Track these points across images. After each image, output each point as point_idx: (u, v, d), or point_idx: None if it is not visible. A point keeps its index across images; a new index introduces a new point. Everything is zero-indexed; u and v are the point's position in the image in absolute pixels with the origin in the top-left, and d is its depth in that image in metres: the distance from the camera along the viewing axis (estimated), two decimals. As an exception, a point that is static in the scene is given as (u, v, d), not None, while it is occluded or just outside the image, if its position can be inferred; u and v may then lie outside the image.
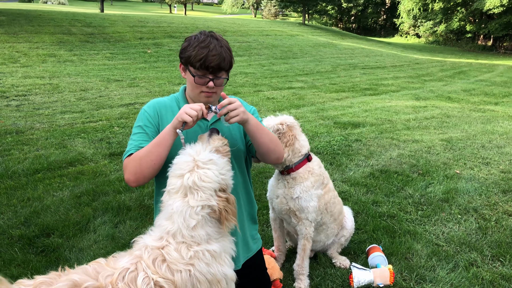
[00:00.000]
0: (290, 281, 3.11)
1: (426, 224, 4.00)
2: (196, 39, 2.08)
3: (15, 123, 7.26)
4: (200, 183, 1.81)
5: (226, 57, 2.09)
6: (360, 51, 25.79)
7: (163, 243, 1.75)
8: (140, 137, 2.17)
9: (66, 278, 1.58)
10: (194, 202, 1.80)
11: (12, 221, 3.86)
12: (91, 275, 1.63)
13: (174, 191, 1.84)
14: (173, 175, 1.87)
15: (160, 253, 1.73)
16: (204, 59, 2.03)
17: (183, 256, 1.73)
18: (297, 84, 13.65)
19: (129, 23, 22.66)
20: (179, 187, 1.83)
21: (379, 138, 6.99)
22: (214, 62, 2.05)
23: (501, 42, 40.60)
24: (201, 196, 1.80)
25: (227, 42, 2.17)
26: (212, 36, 2.10)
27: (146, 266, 1.67)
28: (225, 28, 25.99)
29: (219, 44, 2.08)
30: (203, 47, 2.04)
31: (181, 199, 1.81)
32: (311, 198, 2.89)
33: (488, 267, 3.30)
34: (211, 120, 2.25)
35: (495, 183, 5.02)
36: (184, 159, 1.87)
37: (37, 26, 18.52)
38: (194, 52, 2.04)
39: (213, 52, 2.03)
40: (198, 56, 2.03)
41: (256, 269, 2.62)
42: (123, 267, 1.67)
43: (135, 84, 11.92)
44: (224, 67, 2.10)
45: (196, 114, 1.92)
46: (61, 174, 5.06)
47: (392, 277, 3.01)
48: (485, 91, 13.72)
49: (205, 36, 2.09)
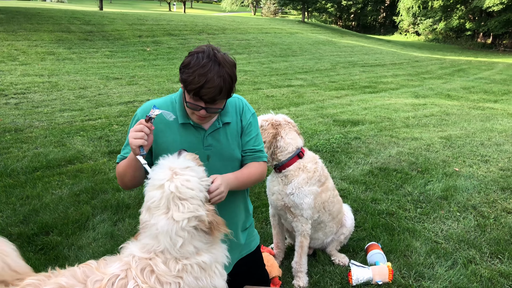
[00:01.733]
0: (289, 279, 3.12)
1: (425, 221, 4.01)
2: (197, 61, 1.90)
3: (14, 121, 7.26)
4: (184, 190, 1.69)
5: (224, 88, 1.92)
6: (359, 49, 25.77)
7: (150, 255, 1.68)
8: (127, 145, 2.17)
9: (53, 281, 1.55)
10: (180, 215, 1.67)
11: (11, 219, 3.86)
12: (79, 279, 1.59)
13: (154, 205, 1.70)
14: (151, 188, 1.73)
15: (148, 263, 1.66)
16: (198, 90, 1.89)
17: (171, 269, 1.66)
18: (296, 82, 13.65)
19: (128, 21, 22.62)
20: (159, 199, 1.69)
21: (378, 136, 6.99)
22: (209, 95, 1.91)
23: (501, 40, 40.57)
24: (188, 207, 1.68)
25: (233, 63, 2.00)
26: (215, 60, 1.90)
27: (135, 275, 1.61)
28: (224, 25, 25.95)
29: (220, 71, 1.90)
30: (201, 74, 1.87)
31: (164, 215, 1.67)
32: (305, 194, 2.89)
33: (487, 265, 3.30)
34: (209, 130, 2.16)
35: (494, 181, 5.02)
36: (160, 170, 1.76)
37: (36, 24, 18.48)
38: (191, 78, 1.89)
39: (209, 83, 1.87)
40: (194, 85, 1.88)
41: (255, 266, 2.62)
42: (113, 273, 1.62)
43: (134, 82, 11.91)
44: (219, 99, 1.96)
45: (143, 133, 1.87)
46: (60, 172, 5.06)
47: (391, 274, 3.02)
48: (484, 89, 13.73)
49: (207, 59, 1.89)
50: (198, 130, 2.15)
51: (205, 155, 2.15)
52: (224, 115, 2.21)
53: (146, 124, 1.89)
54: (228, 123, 2.22)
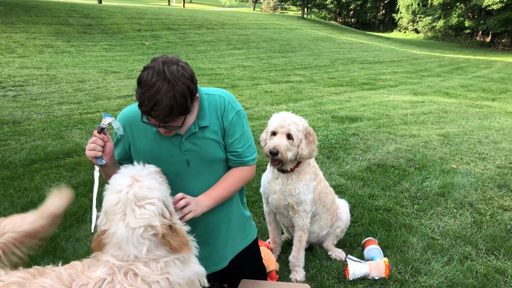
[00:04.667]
0: (286, 273, 3.13)
1: (422, 218, 4.03)
2: (146, 80, 1.77)
3: (12, 114, 7.24)
4: (142, 195, 1.66)
5: (176, 107, 1.80)
6: (358, 45, 25.75)
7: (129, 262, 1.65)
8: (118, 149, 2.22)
9: (38, 282, 1.52)
10: (135, 221, 1.63)
11: (8, 211, 3.86)
12: (65, 282, 1.55)
13: (111, 209, 1.67)
14: (109, 192, 1.70)
15: (129, 267, 1.62)
16: (149, 111, 1.80)
17: (153, 269, 1.64)
18: (295, 78, 13.64)
19: (127, 15, 22.52)
20: (116, 203, 1.66)
21: (377, 133, 7.00)
22: (159, 118, 1.82)
23: (500, 38, 40.58)
24: (142, 213, 1.64)
25: (187, 76, 1.84)
26: (164, 78, 1.76)
27: (121, 279, 1.58)
28: (224, 20, 25.87)
29: (169, 91, 1.76)
30: (149, 97, 1.76)
31: (122, 222, 1.64)
32: (310, 191, 2.91)
33: (483, 261, 3.32)
34: (185, 136, 2.09)
35: (491, 178, 5.04)
36: (121, 176, 1.74)
37: (34, 16, 18.37)
38: (141, 99, 1.79)
39: (158, 106, 1.76)
40: (144, 107, 1.80)
41: (252, 260, 2.63)
42: (99, 277, 1.58)
43: (132, 76, 11.87)
44: (171, 120, 1.86)
45: (95, 145, 1.90)
46: (58, 165, 5.05)
47: (387, 269, 3.03)
48: (482, 87, 13.75)
49: (157, 77, 1.76)
50: (174, 136, 2.08)
51: (184, 160, 2.12)
52: (201, 118, 2.11)
53: (98, 136, 1.90)
54: (205, 126, 2.12)
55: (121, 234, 1.63)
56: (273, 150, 2.62)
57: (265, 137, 2.85)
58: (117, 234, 1.63)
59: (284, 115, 2.77)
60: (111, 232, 1.66)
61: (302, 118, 2.83)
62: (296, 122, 2.73)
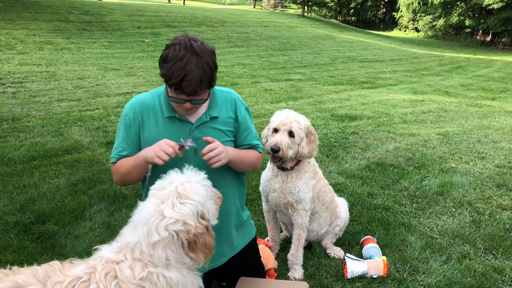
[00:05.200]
0: (285, 271, 3.14)
1: (421, 216, 4.03)
2: (174, 54, 1.87)
3: (11, 110, 7.23)
4: (188, 194, 1.70)
5: (204, 78, 1.90)
6: (358, 44, 25.72)
7: (119, 258, 1.64)
8: (121, 143, 2.18)
9: (10, 279, 1.50)
10: (170, 212, 1.65)
11: (7, 207, 3.86)
12: (39, 279, 1.54)
13: (154, 193, 1.73)
14: (162, 181, 1.78)
15: (113, 268, 1.61)
16: (179, 83, 1.87)
17: (135, 275, 1.61)
18: (295, 76, 13.63)
19: (127, 12, 22.47)
20: (162, 189, 1.71)
21: (376, 131, 7.00)
22: (190, 88, 1.89)
23: (500, 37, 40.58)
24: (181, 209, 1.66)
25: (211, 51, 1.96)
26: (192, 51, 1.87)
27: (99, 279, 1.57)
28: (224, 18, 25.83)
29: (198, 62, 1.87)
30: (179, 68, 1.85)
31: (154, 205, 1.68)
32: (309, 189, 2.91)
33: (481, 260, 3.33)
34: (196, 124, 2.15)
35: (490, 178, 5.05)
36: (176, 174, 1.81)
37: (34, 13, 18.33)
38: (170, 72, 1.87)
39: (189, 76, 1.85)
40: (173, 79, 1.87)
41: (251, 258, 2.64)
42: (75, 275, 1.57)
43: (132, 73, 11.86)
44: (200, 90, 1.94)
45: (168, 158, 1.93)
46: (57, 162, 5.05)
47: (385, 268, 3.04)
48: (482, 86, 13.75)
49: (185, 51, 1.87)
50: (184, 124, 2.13)
51: (192, 148, 2.13)
52: (212, 108, 2.18)
53: (177, 151, 1.95)
54: (216, 117, 2.19)
55: (146, 214, 1.67)
56: (275, 147, 2.63)
57: (267, 133, 2.85)
58: (143, 212, 1.68)
59: (287, 113, 2.79)
60: (140, 208, 1.72)
61: (304, 117, 2.83)
62: (299, 120, 2.75)
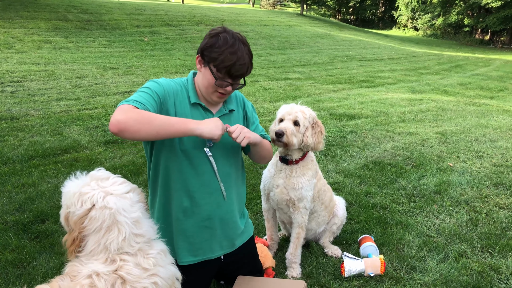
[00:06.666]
0: (283, 269, 3.15)
1: (418, 215, 4.05)
2: (224, 41, 2.02)
3: (10, 109, 7.23)
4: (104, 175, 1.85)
5: (250, 65, 2.11)
6: (357, 43, 25.73)
7: (118, 264, 1.57)
8: (147, 97, 1.98)
9: None
10: (120, 187, 1.75)
11: (6, 206, 3.87)
12: None
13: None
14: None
15: (117, 276, 1.54)
16: (231, 67, 2.01)
17: (145, 268, 1.59)
18: (294, 75, 13.64)
19: (126, 11, 22.44)
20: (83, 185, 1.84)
21: (374, 130, 7.02)
22: (240, 72, 2.05)
23: (499, 36, 40.61)
24: (116, 181, 1.79)
25: (249, 44, 2.16)
26: (239, 39, 2.06)
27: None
28: (223, 17, 25.82)
29: (245, 50, 2.06)
30: (232, 52, 2.00)
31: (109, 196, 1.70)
32: (311, 187, 2.93)
33: (477, 258, 3.35)
34: (217, 114, 2.25)
35: (487, 176, 5.07)
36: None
37: (33, 11, 18.30)
38: (222, 56, 2.00)
39: (240, 61, 2.02)
40: (226, 62, 2.00)
41: (248, 257, 2.65)
42: None
43: (131, 72, 11.86)
44: (246, 75, 2.13)
45: (221, 134, 2.00)
46: (56, 161, 5.06)
47: (383, 267, 3.05)
48: (481, 85, 13.77)
49: (233, 39, 2.03)
50: (206, 113, 2.22)
51: (226, 133, 2.18)
52: (229, 102, 2.32)
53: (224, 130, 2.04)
54: (233, 110, 2.33)
55: (114, 203, 1.71)
56: (279, 131, 2.67)
57: (274, 127, 2.86)
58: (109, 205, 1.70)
59: (293, 105, 2.85)
60: (97, 207, 1.70)
61: (310, 109, 2.88)
62: (304, 110, 2.81)
